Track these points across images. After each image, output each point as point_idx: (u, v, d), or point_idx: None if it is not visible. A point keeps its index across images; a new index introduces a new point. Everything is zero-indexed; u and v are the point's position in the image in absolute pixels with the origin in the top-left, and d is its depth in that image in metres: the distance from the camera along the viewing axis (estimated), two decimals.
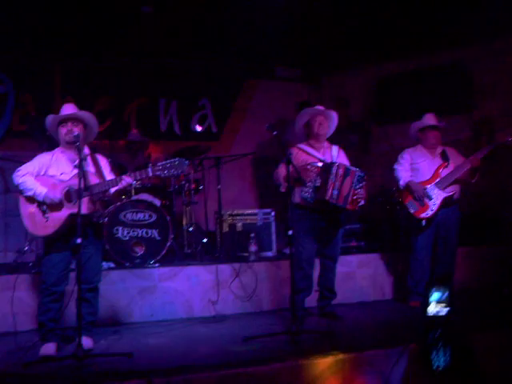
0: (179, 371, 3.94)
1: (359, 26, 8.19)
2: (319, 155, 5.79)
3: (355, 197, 5.50)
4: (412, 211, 6.29)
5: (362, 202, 5.59)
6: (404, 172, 6.41)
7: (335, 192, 5.42)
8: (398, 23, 7.95)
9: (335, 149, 5.93)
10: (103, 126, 8.49)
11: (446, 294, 5.07)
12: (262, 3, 7.43)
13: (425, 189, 6.25)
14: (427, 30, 7.99)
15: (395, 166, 6.49)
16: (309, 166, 5.54)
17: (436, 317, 4.96)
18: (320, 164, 5.59)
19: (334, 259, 5.90)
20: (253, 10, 7.63)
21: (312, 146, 5.86)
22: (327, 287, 5.91)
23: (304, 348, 4.53)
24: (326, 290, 5.92)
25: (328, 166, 5.50)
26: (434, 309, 5.05)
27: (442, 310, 5.06)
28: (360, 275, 6.87)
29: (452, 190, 6.29)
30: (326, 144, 5.93)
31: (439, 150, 6.48)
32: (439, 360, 4.41)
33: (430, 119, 6.45)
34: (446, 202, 6.26)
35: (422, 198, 6.23)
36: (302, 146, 5.91)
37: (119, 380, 3.78)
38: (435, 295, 5.06)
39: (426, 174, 6.36)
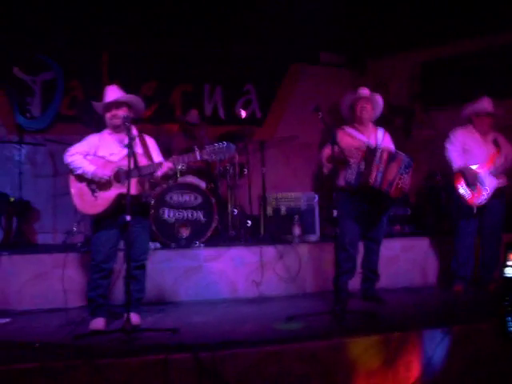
0: (224, 346, 4.01)
1: (404, 11, 8.13)
2: (364, 138, 5.76)
3: (400, 183, 5.47)
4: (464, 196, 6.22)
5: (406, 189, 5.59)
6: (456, 153, 6.30)
7: (379, 177, 5.40)
8: (443, 7, 7.87)
9: (381, 132, 5.90)
10: (150, 111, 8.66)
11: None
12: None
13: (478, 175, 6.18)
14: (474, 13, 7.87)
15: (447, 146, 6.37)
16: (354, 149, 5.52)
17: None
18: (365, 148, 5.56)
19: (378, 242, 5.90)
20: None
21: (357, 129, 5.85)
22: (371, 269, 5.92)
23: (347, 327, 4.57)
24: (369, 272, 5.93)
25: (372, 150, 5.48)
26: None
27: None
28: (404, 259, 6.84)
29: (504, 181, 6.25)
30: (371, 127, 5.91)
31: (491, 136, 6.38)
32: None
33: (488, 105, 6.32)
34: (496, 191, 6.21)
35: (475, 184, 6.16)
36: (348, 128, 5.89)
37: (166, 353, 3.87)
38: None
39: (478, 158, 6.26)
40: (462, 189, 6.22)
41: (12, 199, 7.43)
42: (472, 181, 6.16)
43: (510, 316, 4.43)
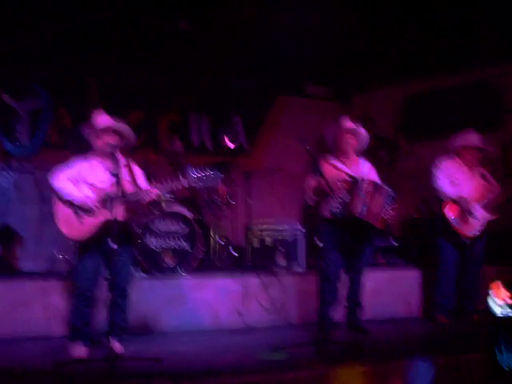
0: (206, 375, 4.01)
1: (388, 47, 8.31)
2: (347, 170, 5.79)
3: (385, 215, 5.51)
4: (456, 226, 6.26)
5: (391, 221, 5.64)
6: (448, 184, 6.35)
7: (364, 208, 5.43)
8: (425, 44, 8.06)
9: (366, 165, 5.96)
10: (138, 141, 8.67)
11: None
12: (292, 24, 7.61)
13: (473, 207, 6.24)
14: (454, 50, 8.06)
15: (438, 174, 6.40)
16: (339, 182, 5.54)
17: (506, 318, 4.98)
18: (349, 179, 5.60)
19: (360, 273, 5.91)
20: (284, 30, 7.81)
21: (341, 161, 5.87)
22: (354, 300, 5.93)
23: (331, 358, 4.57)
24: (352, 303, 5.94)
25: (357, 182, 5.52)
26: (500, 310, 5.07)
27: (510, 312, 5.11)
28: (388, 291, 6.87)
29: (494, 215, 6.32)
30: (355, 159, 5.94)
31: (479, 169, 6.47)
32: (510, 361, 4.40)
33: (476, 139, 6.40)
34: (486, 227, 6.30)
35: (470, 212, 6.20)
36: (331, 159, 5.91)
37: (148, 381, 3.86)
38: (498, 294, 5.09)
39: (468, 192, 6.31)
40: (454, 219, 6.26)
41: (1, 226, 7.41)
42: (467, 209, 6.20)
43: (500, 350, 4.48)
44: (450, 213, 6.29)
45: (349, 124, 5.89)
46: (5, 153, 8.02)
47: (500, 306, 5.19)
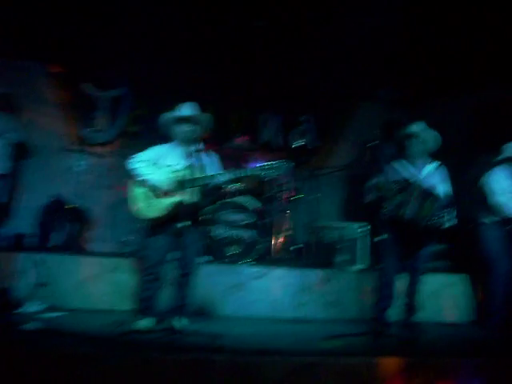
0: (264, 353, 4.19)
1: (460, 56, 8.28)
2: (410, 172, 5.82)
3: (435, 220, 5.50)
4: None
5: (446, 225, 5.57)
6: (509, 199, 6.34)
7: (410, 212, 5.46)
8: (498, 52, 7.99)
9: (432, 167, 5.95)
10: (210, 134, 8.96)
11: None
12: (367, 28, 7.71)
13: None
14: None
15: (495, 190, 6.42)
16: (395, 181, 5.60)
17: None
18: (402, 182, 5.62)
19: (418, 273, 5.92)
20: (360, 34, 7.92)
21: (408, 162, 5.92)
22: (411, 299, 5.95)
23: (384, 349, 4.67)
24: (410, 302, 5.96)
25: (407, 185, 5.55)
26: None
27: None
28: (445, 295, 6.89)
29: None
30: (422, 161, 5.95)
31: None
32: None
33: None
34: None
35: None
36: (398, 161, 5.98)
37: (208, 354, 4.07)
38: None
39: None
40: None
41: (71, 206, 7.79)
42: None
43: None
44: None
45: (413, 127, 5.94)
46: (82, 138, 8.40)
47: None
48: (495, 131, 8.92)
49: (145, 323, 5.01)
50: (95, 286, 6.12)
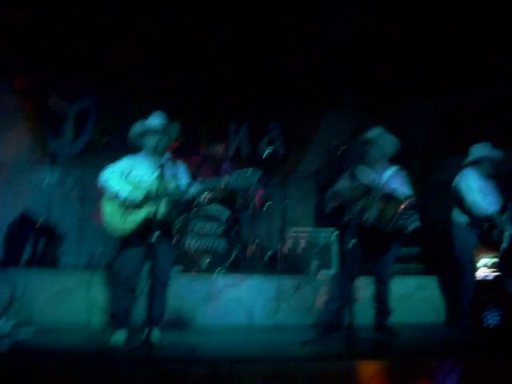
0: (242, 361, 4.18)
1: (425, 60, 8.42)
2: (370, 177, 5.79)
3: (399, 222, 5.51)
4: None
5: (410, 228, 5.60)
6: (482, 198, 6.41)
7: (373, 216, 5.49)
8: (462, 58, 8.16)
9: (392, 171, 5.94)
10: (177, 143, 8.94)
11: (494, 260, 5.39)
12: (330, 35, 7.80)
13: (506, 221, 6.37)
14: (492, 64, 8.14)
15: (470, 189, 6.48)
16: (355, 187, 5.57)
17: (484, 280, 5.23)
18: (362, 187, 5.62)
19: (383, 277, 5.89)
20: (323, 41, 8.00)
21: (368, 167, 5.89)
22: (381, 302, 5.92)
23: (361, 352, 4.68)
24: (380, 305, 5.92)
25: (368, 191, 5.56)
26: (482, 273, 5.38)
27: (490, 274, 5.60)
28: (418, 297, 6.96)
29: None
30: (381, 165, 5.94)
31: (492, 181, 6.60)
32: (491, 319, 4.60)
33: (496, 151, 6.56)
34: None
35: (504, 230, 6.32)
36: (358, 167, 5.84)
37: (185, 365, 4.04)
38: (483, 261, 5.43)
39: (494, 204, 6.44)
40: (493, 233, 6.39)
41: (40, 220, 7.68)
42: (503, 227, 6.32)
43: (487, 312, 4.67)
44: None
45: (369, 134, 5.93)
46: (50, 150, 8.32)
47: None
48: (460, 134, 9.12)
49: (119, 336, 4.95)
50: (67, 300, 6.04)
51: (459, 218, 6.61)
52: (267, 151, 8.55)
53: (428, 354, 4.79)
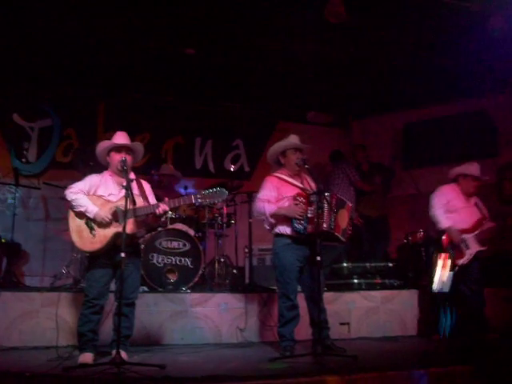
0: (210, 380, 4.17)
1: (387, 75, 8.59)
2: (299, 184, 5.70)
3: (350, 228, 5.54)
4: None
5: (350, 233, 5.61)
6: (442, 213, 6.58)
7: (332, 222, 5.35)
8: (423, 73, 8.34)
9: (310, 178, 5.85)
10: (141, 161, 8.94)
11: (448, 274, 5.58)
12: (293, 53, 7.91)
13: (463, 238, 6.51)
14: (452, 80, 8.34)
15: (435, 206, 6.63)
16: (297, 197, 5.44)
17: (441, 293, 6.00)
18: (306, 193, 5.49)
19: (321, 290, 5.54)
20: (286, 58, 8.11)
21: (290, 176, 5.75)
22: (323, 319, 5.59)
23: (328, 367, 4.70)
24: (322, 322, 5.56)
25: (321, 195, 5.35)
26: (437, 286, 5.70)
27: (446, 287, 6.13)
28: (384, 310, 7.04)
29: (485, 245, 6.56)
30: (303, 173, 5.85)
31: (474, 199, 6.73)
32: (446, 324, 4.73)
33: (477, 170, 6.68)
34: (476, 255, 6.54)
35: (460, 245, 6.49)
36: (281, 175, 5.78)
37: None
38: (437, 275, 5.62)
39: (464, 220, 6.57)
40: (447, 248, 6.54)
41: (3, 240, 7.57)
42: (457, 242, 6.48)
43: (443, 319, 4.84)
44: (445, 242, 6.57)
45: (297, 141, 5.82)
46: (13, 170, 8.21)
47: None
48: (423, 148, 9.32)
49: (87, 357, 4.89)
50: (32, 322, 5.93)
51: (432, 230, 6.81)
52: (231, 168, 8.65)
53: (396, 367, 4.82)
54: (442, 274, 6.43)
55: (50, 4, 6.67)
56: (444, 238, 6.56)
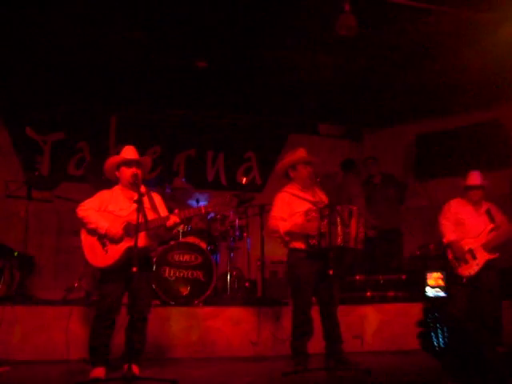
0: None
1: (399, 87, 8.57)
2: (310, 198, 5.63)
3: (361, 235, 5.44)
4: (453, 267, 6.54)
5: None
6: (448, 227, 6.62)
7: (345, 235, 5.29)
8: (436, 84, 8.33)
9: (321, 192, 5.77)
10: (153, 174, 8.99)
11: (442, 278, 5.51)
12: (305, 64, 7.91)
13: (470, 249, 6.48)
14: (465, 90, 8.32)
15: (440, 219, 6.70)
16: (309, 213, 5.37)
17: (434, 299, 5.80)
18: (317, 208, 5.37)
19: (335, 304, 5.57)
20: (297, 70, 8.11)
21: (301, 190, 5.68)
22: (333, 333, 5.53)
23: (342, 382, 4.67)
24: (334, 335, 5.52)
25: (333, 209, 5.29)
26: (431, 292, 5.40)
27: (439, 293, 5.99)
28: (397, 324, 6.97)
29: (495, 253, 6.50)
30: (314, 187, 5.76)
31: (484, 206, 6.68)
32: (438, 340, 4.58)
33: (473, 179, 6.66)
34: (488, 264, 6.47)
35: (462, 258, 6.47)
36: (292, 190, 5.71)
37: None
38: (431, 280, 5.52)
39: (472, 230, 6.57)
40: (451, 261, 6.56)
41: (16, 253, 7.59)
42: (459, 255, 6.48)
43: (434, 332, 4.64)
44: (449, 255, 6.61)
45: (306, 154, 5.76)
46: (26, 182, 8.24)
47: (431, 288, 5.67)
48: (437, 160, 9.27)
49: (98, 372, 4.88)
50: (45, 335, 5.94)
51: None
52: (243, 180, 8.65)
53: (409, 383, 4.78)
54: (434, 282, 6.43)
55: (63, 19, 6.71)
56: (448, 251, 6.60)
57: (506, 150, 8.76)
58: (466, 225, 6.59)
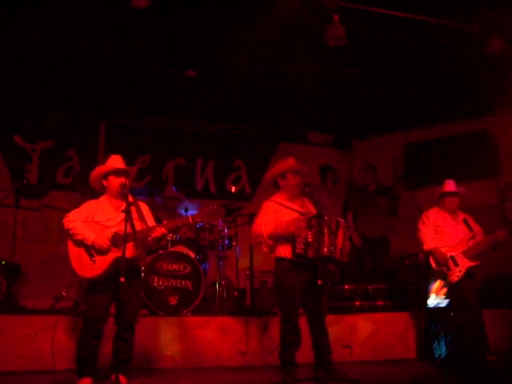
0: None
1: (388, 96, 8.61)
2: (298, 208, 5.64)
3: (347, 248, 5.45)
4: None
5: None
6: (428, 235, 6.67)
7: (331, 246, 5.28)
8: (425, 94, 8.37)
9: (309, 202, 5.78)
10: (142, 183, 8.97)
11: (445, 286, 5.45)
12: (295, 73, 7.93)
13: (451, 256, 6.51)
14: (453, 100, 8.38)
15: (420, 227, 6.77)
16: (296, 221, 5.33)
17: (436, 308, 5.50)
18: (305, 218, 5.36)
19: (323, 314, 5.52)
20: (287, 79, 8.13)
21: (289, 199, 5.70)
22: (324, 343, 5.50)
23: None
24: (324, 346, 5.49)
25: (320, 219, 5.28)
26: (434, 300, 5.37)
27: (442, 301, 5.49)
28: (386, 333, 6.97)
29: (476, 260, 6.51)
30: (302, 197, 5.77)
31: (461, 216, 6.75)
32: (441, 349, 4.55)
33: (448, 186, 6.75)
34: (469, 272, 6.48)
35: (445, 264, 6.49)
36: (279, 199, 5.73)
37: None
38: (435, 287, 5.47)
39: (451, 239, 6.61)
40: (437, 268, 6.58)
41: (3, 262, 7.53)
42: (442, 262, 6.51)
43: (436, 341, 4.64)
44: (432, 262, 6.63)
45: (296, 163, 5.77)
46: (14, 190, 8.19)
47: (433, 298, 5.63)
48: (425, 169, 9.31)
49: (85, 383, 4.83)
50: (31, 345, 5.88)
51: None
52: (232, 189, 8.64)
53: None
54: (437, 291, 6.41)
55: (52, 25, 6.69)
56: (431, 259, 6.62)
57: (494, 160, 8.83)
58: (446, 233, 6.65)
